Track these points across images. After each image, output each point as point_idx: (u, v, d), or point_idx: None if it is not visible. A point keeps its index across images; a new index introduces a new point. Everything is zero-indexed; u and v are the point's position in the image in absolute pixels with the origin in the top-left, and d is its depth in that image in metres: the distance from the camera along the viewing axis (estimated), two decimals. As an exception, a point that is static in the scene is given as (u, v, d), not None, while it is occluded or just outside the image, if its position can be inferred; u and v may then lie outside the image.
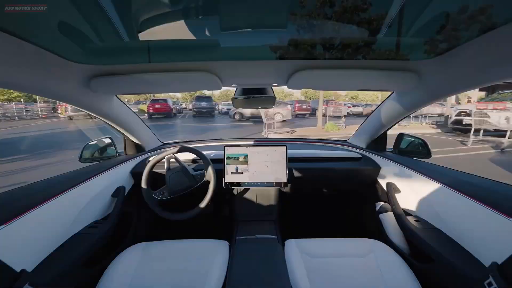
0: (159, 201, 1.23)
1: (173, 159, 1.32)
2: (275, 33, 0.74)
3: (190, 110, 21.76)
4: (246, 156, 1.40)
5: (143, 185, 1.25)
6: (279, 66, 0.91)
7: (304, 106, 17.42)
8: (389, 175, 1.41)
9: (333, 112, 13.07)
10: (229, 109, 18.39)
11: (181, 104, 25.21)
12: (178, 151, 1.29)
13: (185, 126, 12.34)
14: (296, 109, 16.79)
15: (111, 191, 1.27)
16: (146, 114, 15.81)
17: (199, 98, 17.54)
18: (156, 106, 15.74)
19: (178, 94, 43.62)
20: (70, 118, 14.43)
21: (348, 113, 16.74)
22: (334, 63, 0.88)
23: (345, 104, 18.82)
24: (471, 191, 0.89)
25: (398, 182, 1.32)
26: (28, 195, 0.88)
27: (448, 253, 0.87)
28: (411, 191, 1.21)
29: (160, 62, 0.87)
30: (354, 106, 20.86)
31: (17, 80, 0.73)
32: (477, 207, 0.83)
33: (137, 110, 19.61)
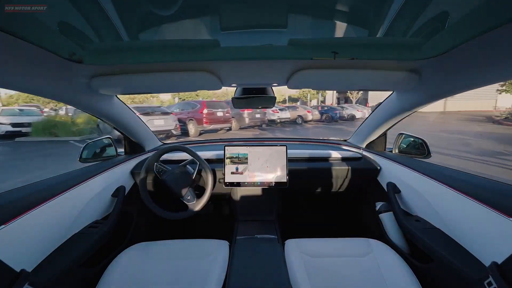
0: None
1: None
2: (275, 32, 0.74)
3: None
4: (246, 156, 1.40)
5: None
6: (279, 66, 0.91)
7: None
8: (389, 175, 1.41)
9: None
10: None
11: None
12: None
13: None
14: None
15: (111, 191, 1.27)
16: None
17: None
18: (219, 114, 8.69)
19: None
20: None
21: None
22: (334, 63, 0.88)
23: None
24: (471, 191, 0.89)
25: (398, 182, 1.31)
26: (28, 195, 0.88)
27: (448, 253, 0.87)
28: (411, 191, 1.21)
29: (160, 62, 0.87)
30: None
31: (17, 80, 0.73)
32: (477, 206, 0.83)
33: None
